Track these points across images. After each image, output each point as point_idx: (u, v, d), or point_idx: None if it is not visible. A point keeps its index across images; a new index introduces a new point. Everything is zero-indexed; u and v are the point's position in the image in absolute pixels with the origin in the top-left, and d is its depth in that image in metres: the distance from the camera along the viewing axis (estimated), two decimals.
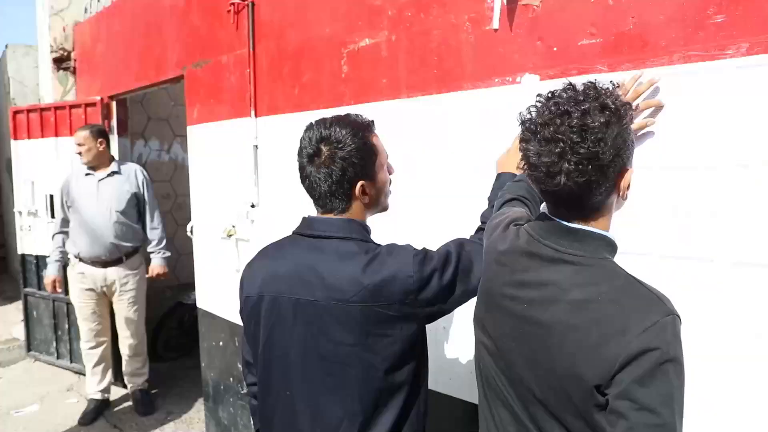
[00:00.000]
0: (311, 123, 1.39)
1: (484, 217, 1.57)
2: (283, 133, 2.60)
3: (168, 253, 3.92)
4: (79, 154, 3.70)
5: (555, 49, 1.60)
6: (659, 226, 1.42)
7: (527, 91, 1.66)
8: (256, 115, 2.75)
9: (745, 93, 1.26)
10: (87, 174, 3.74)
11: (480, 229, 1.53)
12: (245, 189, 2.85)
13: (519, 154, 1.61)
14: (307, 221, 1.41)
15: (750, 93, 1.26)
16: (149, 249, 3.87)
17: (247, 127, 2.79)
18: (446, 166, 1.92)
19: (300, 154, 1.38)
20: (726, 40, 1.28)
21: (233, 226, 2.94)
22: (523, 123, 1.06)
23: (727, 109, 1.29)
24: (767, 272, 1.26)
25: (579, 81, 1.05)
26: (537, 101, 1.05)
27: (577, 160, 0.96)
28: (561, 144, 0.97)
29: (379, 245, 1.37)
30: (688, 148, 1.36)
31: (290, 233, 1.44)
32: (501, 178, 1.62)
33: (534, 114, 1.04)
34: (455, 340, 1.96)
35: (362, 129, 1.36)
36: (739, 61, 1.27)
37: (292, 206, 2.57)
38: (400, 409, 1.34)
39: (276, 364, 1.38)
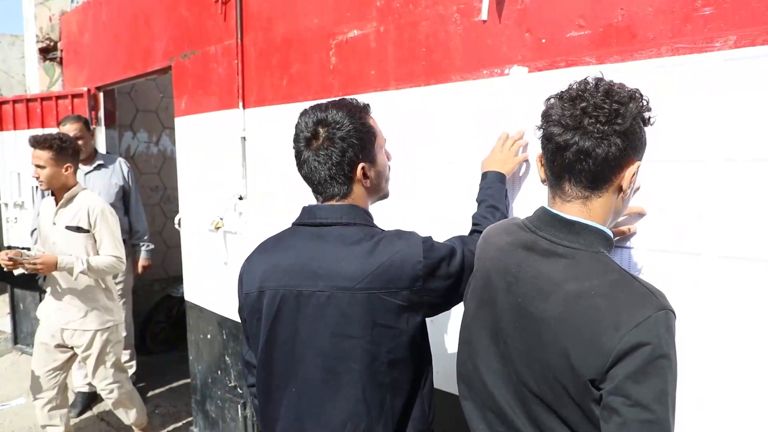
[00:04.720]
0: (306, 108, 1.35)
1: (476, 219, 1.56)
2: (271, 124, 2.58)
3: (152, 246, 3.89)
4: None
5: (543, 41, 1.59)
6: (646, 218, 1.42)
7: (515, 84, 1.66)
8: (244, 107, 2.73)
9: (733, 86, 1.26)
10: None
11: (474, 231, 1.51)
12: (233, 181, 2.83)
13: (503, 151, 1.62)
14: (307, 210, 1.36)
15: (737, 86, 1.25)
16: (134, 241, 3.83)
17: (235, 119, 2.77)
18: (434, 158, 1.91)
19: (296, 139, 1.33)
20: (714, 33, 1.28)
21: (221, 219, 2.92)
22: (548, 98, 1.11)
23: (715, 103, 1.29)
24: (753, 266, 1.26)
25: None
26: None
27: (597, 115, 1.00)
28: (585, 102, 1.02)
29: (384, 230, 1.33)
30: (675, 141, 1.35)
31: (289, 225, 1.38)
32: (487, 177, 1.61)
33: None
34: (445, 332, 1.96)
35: (359, 111, 1.33)
36: (726, 53, 1.26)
37: (280, 198, 2.56)
38: (403, 407, 1.29)
39: (278, 363, 1.31)
